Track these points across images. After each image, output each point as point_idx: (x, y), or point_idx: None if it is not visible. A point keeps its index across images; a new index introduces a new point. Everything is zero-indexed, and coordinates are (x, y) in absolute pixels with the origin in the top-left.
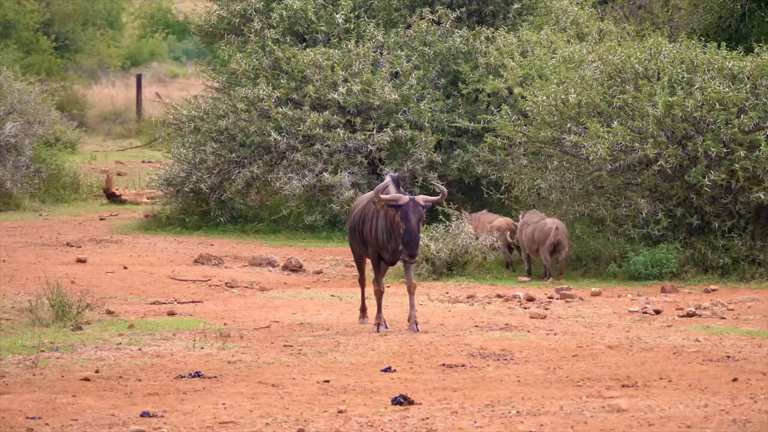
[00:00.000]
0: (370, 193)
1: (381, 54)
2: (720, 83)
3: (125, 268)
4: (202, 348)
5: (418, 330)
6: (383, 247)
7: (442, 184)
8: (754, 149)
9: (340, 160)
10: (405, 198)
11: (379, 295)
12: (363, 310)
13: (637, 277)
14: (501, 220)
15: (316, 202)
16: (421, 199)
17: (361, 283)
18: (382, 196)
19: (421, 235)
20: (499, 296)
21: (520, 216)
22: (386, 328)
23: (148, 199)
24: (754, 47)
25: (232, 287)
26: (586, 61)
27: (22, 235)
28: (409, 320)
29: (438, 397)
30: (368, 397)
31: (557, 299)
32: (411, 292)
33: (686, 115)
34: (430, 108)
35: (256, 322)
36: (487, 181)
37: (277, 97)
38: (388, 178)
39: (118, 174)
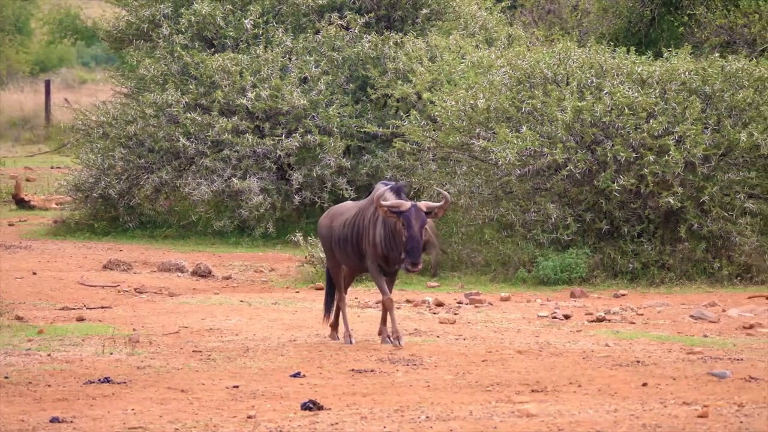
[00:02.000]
0: (350, 203)
1: (290, 59)
2: (629, 88)
3: (34, 273)
4: (111, 353)
5: (399, 344)
6: (382, 257)
7: (351, 190)
8: (663, 154)
9: (248, 165)
10: (407, 204)
11: (389, 303)
12: (335, 326)
13: (546, 282)
14: None
15: (225, 208)
16: (423, 205)
17: (342, 301)
18: (384, 203)
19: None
20: (408, 301)
21: None
22: (399, 341)
23: (57, 204)
24: (663, 52)
25: (141, 293)
26: (494, 66)
27: None
28: (380, 333)
29: (347, 402)
30: (277, 403)
31: (466, 304)
32: (388, 307)
33: (595, 120)
34: (338, 113)
35: (165, 328)
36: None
37: (185, 102)
38: (381, 186)
39: (27, 180)
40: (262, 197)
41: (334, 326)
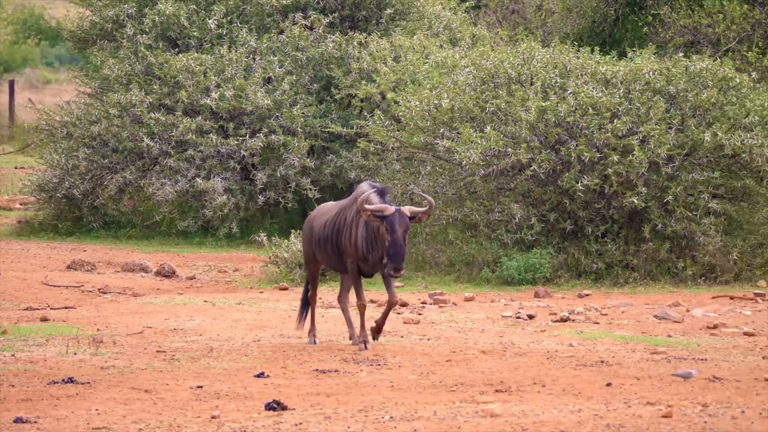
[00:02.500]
0: (332, 204)
1: (254, 59)
2: (593, 88)
3: None
4: (75, 354)
5: (366, 348)
6: (363, 258)
7: (315, 190)
8: (627, 154)
9: (212, 165)
10: (391, 209)
11: (362, 309)
12: (312, 328)
13: (510, 282)
14: None
15: (189, 208)
16: (407, 210)
17: (312, 299)
18: (368, 206)
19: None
20: (372, 301)
21: None
22: (368, 345)
23: (20, 205)
24: (627, 52)
25: (105, 293)
26: (459, 66)
27: None
28: (358, 337)
29: (311, 402)
30: (241, 403)
31: (430, 304)
32: (392, 305)
33: (559, 120)
34: (302, 113)
35: (129, 328)
36: None
37: (149, 102)
38: (366, 187)
39: None
40: (226, 197)
41: (312, 328)
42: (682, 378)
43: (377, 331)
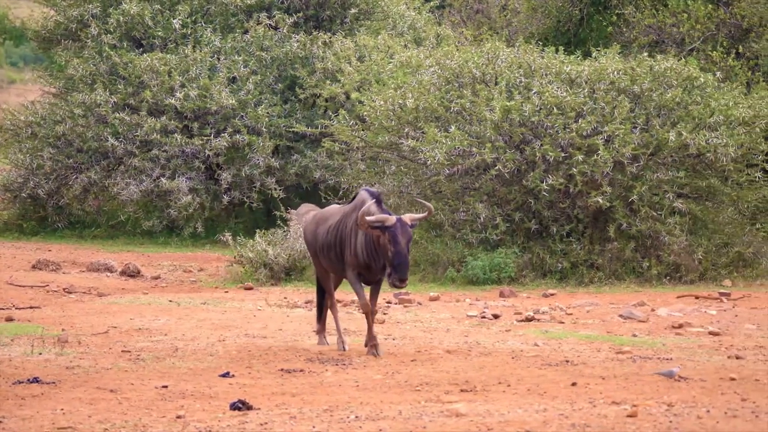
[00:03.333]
0: (334, 208)
1: (218, 59)
2: (558, 88)
3: None
4: (40, 353)
5: (378, 354)
6: (364, 266)
7: (280, 189)
8: (592, 154)
9: (177, 165)
10: (392, 219)
11: (366, 309)
12: (322, 330)
13: (475, 282)
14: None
15: (154, 208)
16: (408, 218)
17: (328, 302)
18: (368, 218)
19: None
20: (337, 301)
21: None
22: (347, 346)
23: None
24: (592, 51)
25: (70, 293)
26: (423, 65)
27: None
28: (366, 346)
29: (277, 402)
30: (207, 403)
31: (396, 304)
32: (371, 317)
33: (524, 120)
34: (267, 113)
35: (94, 328)
36: (325, 185)
37: (114, 102)
38: (364, 194)
39: None
40: (190, 197)
41: (322, 330)
42: (665, 377)
43: (370, 342)
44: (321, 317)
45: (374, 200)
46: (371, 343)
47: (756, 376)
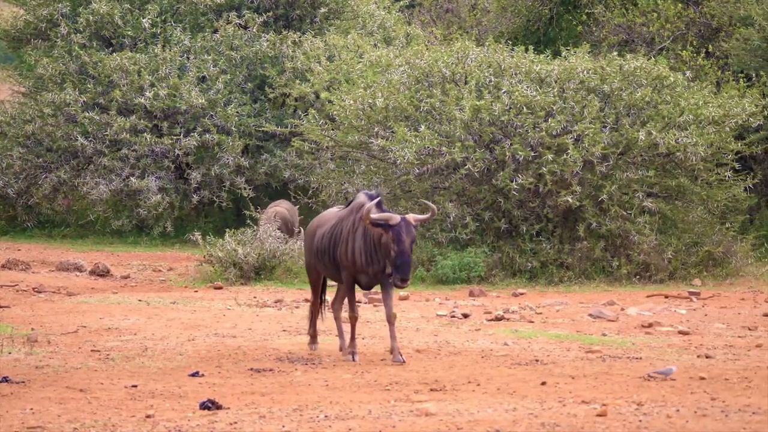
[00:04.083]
0: (333, 212)
1: (188, 58)
2: (527, 87)
3: None
4: (9, 353)
5: (403, 360)
6: (362, 270)
7: (249, 189)
8: (561, 153)
9: (147, 164)
10: (396, 218)
11: (353, 321)
12: (314, 336)
13: (445, 281)
14: (273, 210)
15: (123, 207)
16: (412, 218)
17: (315, 307)
18: (373, 216)
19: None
20: (307, 300)
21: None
22: (357, 357)
23: None
24: (561, 51)
25: (40, 292)
26: (393, 65)
27: None
28: (391, 352)
29: (246, 401)
30: (176, 402)
31: (365, 303)
32: (391, 322)
33: (494, 119)
34: (237, 112)
35: (63, 327)
36: (295, 185)
37: (83, 101)
38: (362, 197)
39: None
40: (160, 196)
41: (314, 336)
42: (663, 376)
43: (396, 350)
44: (312, 325)
45: (375, 202)
46: (350, 349)
47: (725, 375)
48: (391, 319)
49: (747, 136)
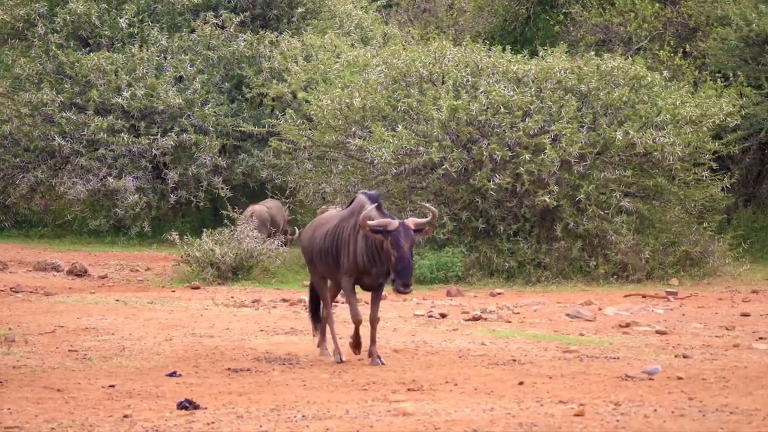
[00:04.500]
0: (331, 213)
1: (165, 58)
2: (505, 87)
3: None
4: None
5: (383, 363)
6: (365, 271)
7: (227, 189)
8: (539, 153)
9: (124, 164)
10: (394, 223)
11: (358, 324)
12: (322, 341)
13: (422, 281)
14: (251, 209)
15: (101, 207)
16: (411, 222)
17: (328, 316)
18: (370, 223)
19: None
20: (284, 300)
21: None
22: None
23: None
24: (539, 50)
25: (17, 292)
26: (370, 65)
27: None
28: (370, 355)
29: (224, 401)
30: (153, 402)
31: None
32: (373, 325)
33: (471, 119)
34: (214, 112)
35: (41, 327)
36: (272, 185)
37: (61, 101)
38: (362, 198)
39: None
40: (137, 196)
41: (321, 344)
42: (649, 375)
43: (375, 355)
44: (317, 326)
45: (374, 205)
46: (336, 353)
47: (703, 375)
48: (374, 322)
49: (724, 135)
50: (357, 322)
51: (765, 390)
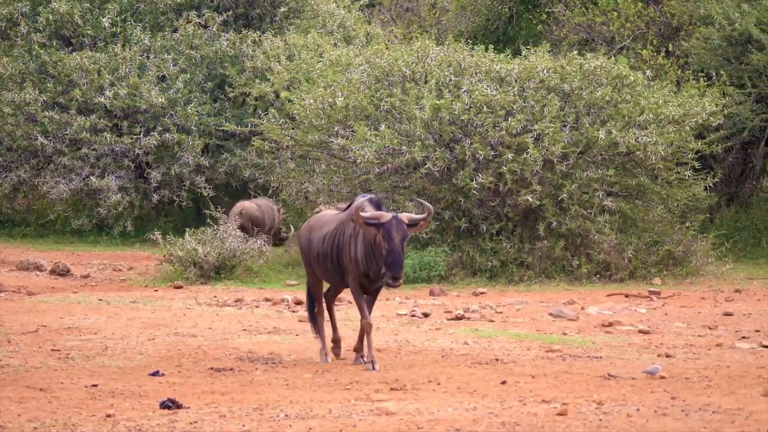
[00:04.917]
0: (330, 214)
1: (148, 58)
2: (487, 86)
3: None
4: None
5: (373, 367)
6: (365, 274)
7: (209, 188)
8: (521, 152)
9: (107, 164)
10: (387, 216)
11: (368, 328)
12: (323, 347)
13: (405, 281)
14: (241, 204)
15: (84, 206)
16: (405, 217)
17: (320, 314)
18: (363, 214)
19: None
20: (267, 299)
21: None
22: (376, 366)
23: None
24: (521, 50)
25: (0, 291)
26: (353, 64)
27: None
28: (356, 350)
29: (206, 400)
30: (136, 401)
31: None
32: (367, 331)
33: (454, 118)
34: (197, 111)
35: (23, 327)
36: (255, 184)
37: (43, 101)
38: (361, 199)
39: None
40: (120, 196)
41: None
42: (650, 374)
43: (368, 358)
44: (318, 330)
45: (369, 199)
46: (369, 359)
47: (686, 374)
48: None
49: (707, 135)
50: (368, 326)
51: (748, 389)
